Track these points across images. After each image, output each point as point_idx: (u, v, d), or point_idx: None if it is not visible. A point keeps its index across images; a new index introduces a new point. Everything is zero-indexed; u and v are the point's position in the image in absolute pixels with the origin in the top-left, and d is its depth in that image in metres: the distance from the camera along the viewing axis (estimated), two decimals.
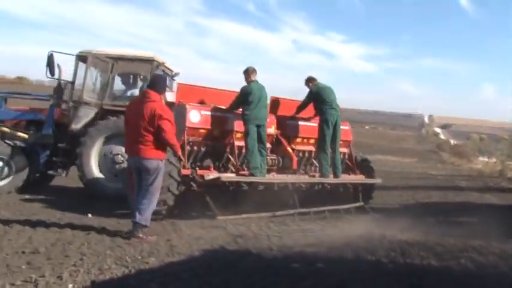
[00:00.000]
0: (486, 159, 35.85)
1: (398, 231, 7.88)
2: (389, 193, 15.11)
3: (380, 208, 11.39)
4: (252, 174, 9.00)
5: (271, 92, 10.13)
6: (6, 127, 10.81)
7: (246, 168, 9.28)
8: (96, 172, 10.69)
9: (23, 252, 5.82)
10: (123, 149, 9.95)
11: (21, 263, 5.40)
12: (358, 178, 10.77)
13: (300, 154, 10.40)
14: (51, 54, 10.58)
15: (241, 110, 9.30)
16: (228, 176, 9.03)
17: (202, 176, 8.64)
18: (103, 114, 10.83)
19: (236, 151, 9.29)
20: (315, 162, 10.59)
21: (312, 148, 10.60)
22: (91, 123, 10.80)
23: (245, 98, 9.17)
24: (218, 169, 9.38)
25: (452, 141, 54.55)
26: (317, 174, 10.16)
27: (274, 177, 9.59)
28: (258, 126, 9.17)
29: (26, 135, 10.76)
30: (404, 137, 65.63)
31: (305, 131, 10.46)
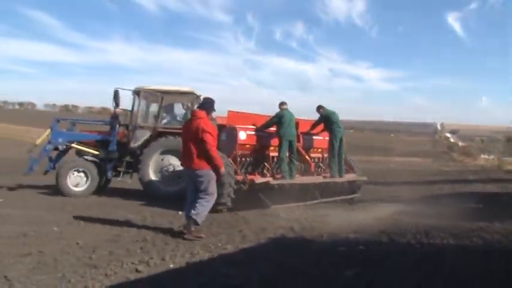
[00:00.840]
0: (487, 157, 36.29)
1: (422, 217, 8.01)
2: (410, 187, 15.08)
3: (404, 199, 11.42)
4: (283, 177, 9.84)
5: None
6: (83, 146, 11.69)
7: (277, 173, 10.16)
8: (153, 179, 11.33)
9: (137, 240, 6.25)
10: (173, 160, 11.39)
11: (136, 248, 5.82)
12: (352, 176, 11.55)
13: (314, 160, 11.32)
14: (117, 91, 11.29)
15: (275, 129, 10.18)
16: (275, 180, 9.71)
17: (252, 180, 9.38)
18: (157, 135, 11.49)
19: (270, 160, 10.29)
20: (321, 166, 11.47)
21: (320, 155, 11.57)
22: (148, 142, 11.49)
23: (279, 121, 10.01)
24: (259, 174, 10.15)
25: (460, 144, 53.17)
26: (327, 175, 10.99)
27: (302, 179, 10.46)
28: (290, 141, 10.02)
29: (97, 152, 11.59)
30: (421, 141, 63.92)
31: (316, 143, 11.45)
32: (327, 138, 11.11)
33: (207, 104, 7.06)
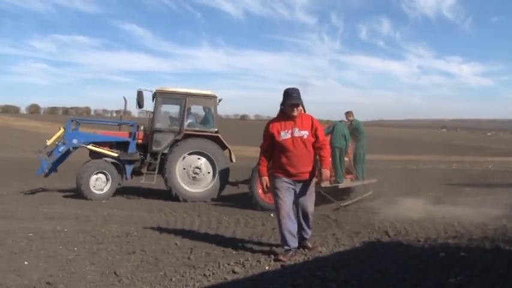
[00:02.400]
0: None
1: None
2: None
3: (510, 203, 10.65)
4: (338, 182, 10.40)
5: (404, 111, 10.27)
6: (103, 148, 11.54)
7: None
8: (179, 180, 11.33)
9: (231, 242, 6.37)
10: (199, 163, 11.55)
11: (231, 249, 5.92)
12: (372, 180, 12.01)
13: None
14: (140, 92, 11.46)
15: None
16: (344, 183, 10.60)
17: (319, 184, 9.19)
18: (184, 137, 11.51)
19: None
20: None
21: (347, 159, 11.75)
22: (171, 145, 11.53)
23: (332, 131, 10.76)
24: None
25: None
26: (353, 177, 11.60)
27: (348, 182, 11.16)
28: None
29: (117, 154, 11.45)
30: None
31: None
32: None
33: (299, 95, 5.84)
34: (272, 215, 8.75)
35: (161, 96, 11.94)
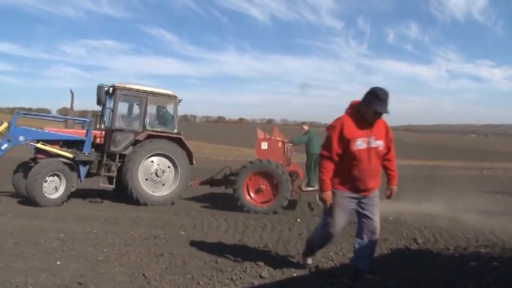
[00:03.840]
0: None
1: None
2: None
3: None
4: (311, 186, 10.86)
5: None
6: (56, 147, 10.39)
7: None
8: (143, 184, 10.65)
9: (258, 246, 6.41)
10: (162, 165, 10.93)
11: (258, 254, 5.91)
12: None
13: None
14: (101, 87, 10.64)
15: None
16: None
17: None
18: (146, 138, 10.83)
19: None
20: None
21: None
22: (133, 145, 10.85)
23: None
24: None
25: None
26: None
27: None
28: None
29: (72, 154, 10.35)
30: None
31: None
32: None
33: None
34: (299, 219, 8.75)
35: (121, 93, 11.11)
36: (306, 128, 12.37)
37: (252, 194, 10.23)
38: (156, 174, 10.90)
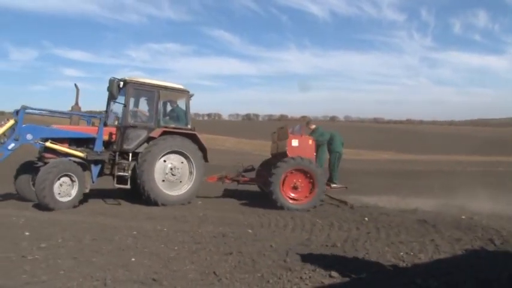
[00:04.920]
0: None
1: None
2: None
3: None
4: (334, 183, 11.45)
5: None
6: (65, 146, 9.85)
7: None
8: (159, 185, 10.23)
9: (327, 245, 6.37)
10: (177, 163, 10.56)
11: (327, 253, 5.93)
12: None
13: None
14: (113, 80, 10.16)
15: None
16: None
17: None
18: (161, 134, 10.37)
19: None
20: None
21: None
22: (145, 142, 10.40)
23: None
24: None
25: None
26: None
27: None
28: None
29: (83, 153, 9.84)
30: None
31: None
32: None
33: None
34: (366, 218, 8.61)
35: (132, 88, 10.62)
36: (313, 126, 12.38)
37: (288, 192, 10.25)
38: (171, 173, 10.53)
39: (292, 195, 10.25)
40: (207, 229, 7.53)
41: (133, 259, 5.49)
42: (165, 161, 10.45)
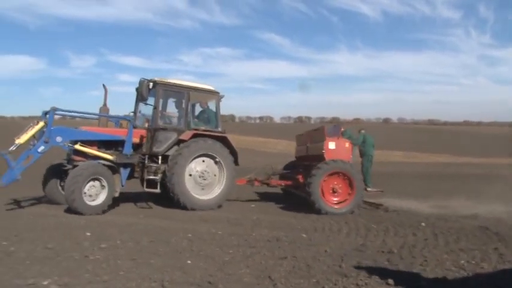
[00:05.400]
0: None
1: None
2: None
3: None
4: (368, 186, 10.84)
5: None
6: (94, 148, 9.71)
7: None
8: (189, 188, 9.97)
9: (382, 251, 6.24)
10: (209, 167, 10.31)
11: (383, 259, 5.80)
12: None
13: None
14: (143, 81, 9.95)
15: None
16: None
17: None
18: (192, 136, 10.15)
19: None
20: None
21: None
22: (175, 145, 10.21)
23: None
24: None
25: None
26: None
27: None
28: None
29: (113, 156, 9.68)
30: None
31: None
32: None
33: None
34: (423, 224, 8.38)
35: (162, 89, 10.45)
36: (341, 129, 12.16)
37: (327, 195, 10.10)
38: (202, 177, 10.28)
39: (335, 199, 10.14)
40: (261, 233, 7.55)
41: (189, 261, 5.57)
42: (195, 164, 10.25)
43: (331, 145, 10.49)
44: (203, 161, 10.35)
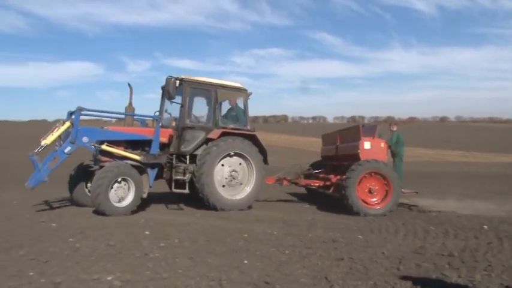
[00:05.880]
0: None
1: None
2: None
3: None
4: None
5: None
6: (121, 149, 9.51)
7: None
8: (219, 188, 9.76)
9: (443, 254, 6.04)
10: (237, 166, 10.07)
11: (443, 262, 5.61)
12: None
13: None
14: (170, 79, 9.65)
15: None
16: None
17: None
18: (220, 135, 9.90)
19: None
20: None
21: None
22: (202, 144, 9.97)
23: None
24: None
25: None
26: None
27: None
28: None
29: (140, 156, 9.49)
30: None
31: None
32: None
33: None
34: (485, 226, 8.05)
35: (190, 86, 10.17)
36: (395, 128, 12.19)
37: (364, 196, 9.89)
38: (231, 176, 10.09)
39: (374, 199, 9.97)
40: (317, 233, 7.51)
41: (245, 261, 5.62)
42: (223, 164, 10.05)
43: (367, 145, 10.29)
44: (232, 160, 10.15)
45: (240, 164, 10.22)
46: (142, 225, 7.88)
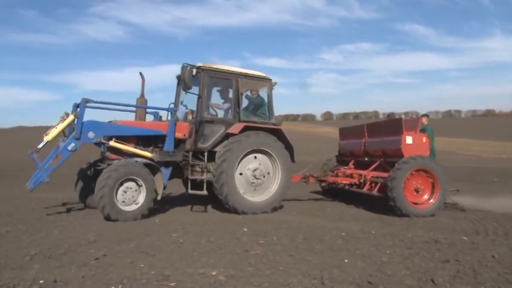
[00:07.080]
0: None
1: None
2: None
3: None
4: None
5: None
6: (131, 145, 8.71)
7: None
8: (239, 188, 8.86)
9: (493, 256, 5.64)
10: (261, 165, 9.23)
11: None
12: None
13: None
14: (186, 67, 8.64)
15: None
16: None
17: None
18: (242, 130, 8.95)
19: None
20: None
21: None
22: (222, 140, 9.02)
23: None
24: None
25: None
26: None
27: None
28: None
29: (152, 153, 8.67)
30: None
31: None
32: None
33: None
34: None
35: (208, 75, 9.19)
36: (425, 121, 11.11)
37: (411, 196, 9.20)
38: (254, 176, 9.22)
39: (424, 197, 9.40)
40: (417, 234, 7.21)
41: (346, 260, 5.54)
42: (246, 161, 9.18)
43: (409, 140, 9.53)
44: (255, 158, 9.27)
45: (265, 161, 9.40)
46: (241, 222, 8.08)
